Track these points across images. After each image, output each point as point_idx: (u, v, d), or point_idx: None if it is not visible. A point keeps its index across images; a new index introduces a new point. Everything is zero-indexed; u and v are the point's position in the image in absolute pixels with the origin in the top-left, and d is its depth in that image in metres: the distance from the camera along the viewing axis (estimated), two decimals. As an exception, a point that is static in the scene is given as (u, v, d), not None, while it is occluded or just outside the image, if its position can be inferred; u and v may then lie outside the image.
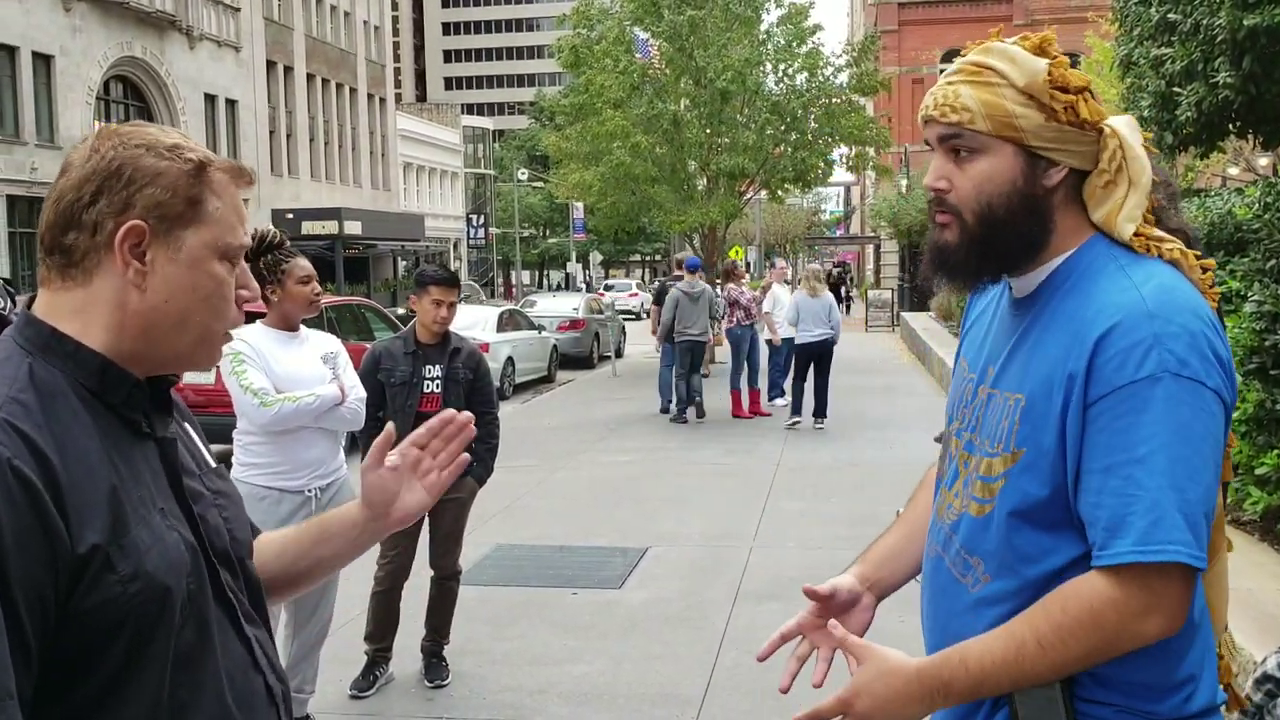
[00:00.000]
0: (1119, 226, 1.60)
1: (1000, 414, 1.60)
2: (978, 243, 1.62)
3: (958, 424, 1.74)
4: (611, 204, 22.56)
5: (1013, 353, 1.64)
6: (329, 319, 12.97)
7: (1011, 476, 1.57)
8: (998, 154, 1.59)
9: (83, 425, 1.26)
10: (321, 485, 4.29)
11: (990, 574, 1.60)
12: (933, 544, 1.74)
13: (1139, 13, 7.30)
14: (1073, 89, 1.58)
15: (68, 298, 1.32)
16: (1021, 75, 1.58)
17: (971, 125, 1.59)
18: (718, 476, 9.95)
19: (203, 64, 38.21)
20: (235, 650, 1.38)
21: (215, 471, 1.49)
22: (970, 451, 1.67)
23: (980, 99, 1.59)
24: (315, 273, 4.34)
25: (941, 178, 1.64)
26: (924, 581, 1.76)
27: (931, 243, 1.69)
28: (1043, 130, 1.57)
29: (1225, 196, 7.68)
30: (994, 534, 1.59)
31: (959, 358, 1.85)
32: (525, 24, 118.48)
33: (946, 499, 1.72)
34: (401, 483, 1.64)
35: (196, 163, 1.35)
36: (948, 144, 1.62)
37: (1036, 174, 1.59)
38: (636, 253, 78.26)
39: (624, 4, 21.98)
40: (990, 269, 1.66)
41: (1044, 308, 1.62)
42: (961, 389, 1.76)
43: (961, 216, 1.62)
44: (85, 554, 1.19)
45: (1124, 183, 1.60)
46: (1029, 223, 1.60)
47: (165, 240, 1.33)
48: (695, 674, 5.09)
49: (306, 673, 4.42)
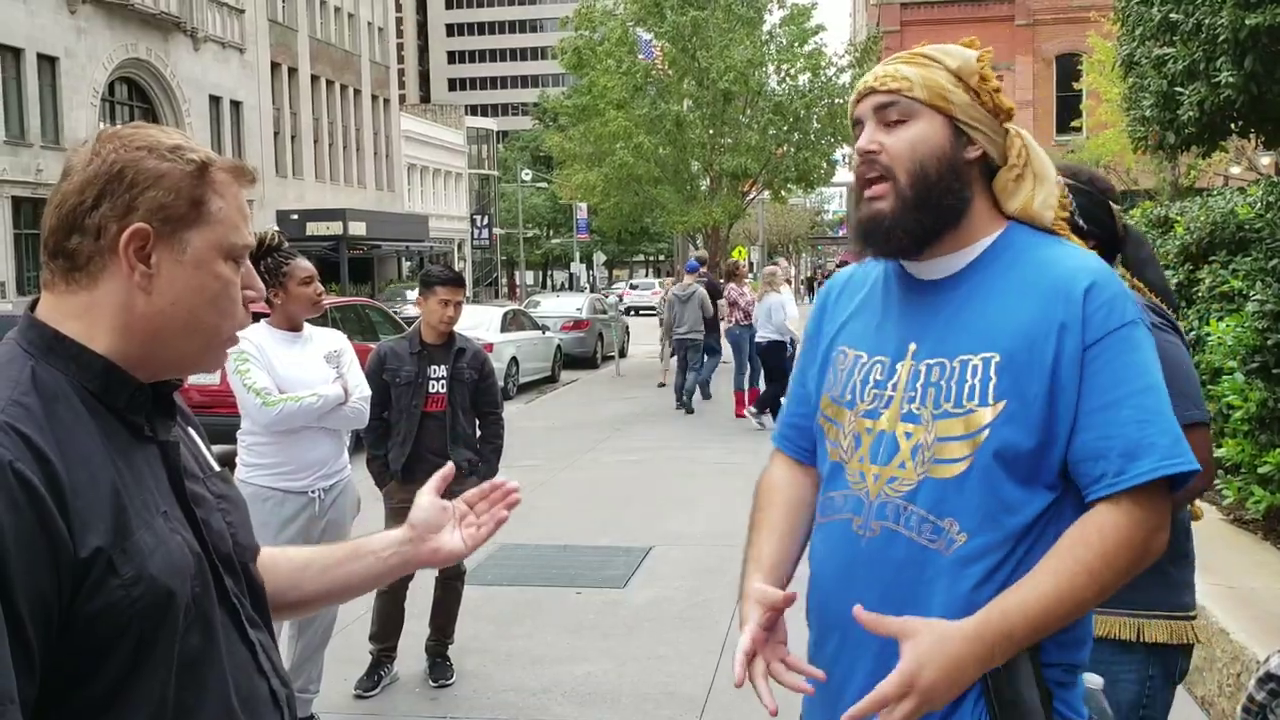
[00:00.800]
0: (1039, 213, 1.78)
1: (958, 376, 1.69)
2: (910, 207, 1.74)
3: (865, 405, 1.79)
4: (615, 204, 22.60)
5: (949, 323, 1.74)
6: (333, 319, 13.00)
7: (994, 428, 1.65)
8: (929, 121, 1.75)
9: (85, 428, 1.25)
10: (325, 486, 4.30)
11: (968, 531, 1.66)
12: (867, 523, 1.74)
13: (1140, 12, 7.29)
14: (991, 82, 1.77)
15: (72, 301, 1.31)
16: (954, 60, 1.78)
17: (910, 93, 1.75)
18: (722, 476, 9.96)
19: (207, 65, 38.24)
20: (240, 654, 1.37)
21: (218, 475, 1.49)
22: (913, 422, 1.72)
23: (919, 73, 1.77)
24: (316, 273, 4.35)
25: (873, 140, 1.77)
26: (856, 566, 1.74)
27: (862, 216, 1.80)
28: (969, 109, 1.76)
29: (1227, 196, 7.68)
30: (972, 490, 1.66)
31: (834, 348, 1.90)
32: (529, 25, 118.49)
33: (883, 474, 1.74)
34: (447, 522, 1.70)
35: (198, 163, 1.34)
36: (882, 113, 1.77)
37: (960, 146, 1.76)
38: (640, 253, 78.30)
39: (627, 5, 21.98)
40: (921, 233, 1.75)
41: (981, 281, 1.75)
42: (864, 372, 1.82)
43: (895, 178, 1.75)
44: (88, 557, 1.18)
45: (1030, 177, 1.79)
46: (956, 187, 1.75)
47: (170, 242, 1.32)
48: (699, 673, 5.10)
49: (311, 672, 4.43)
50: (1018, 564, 1.64)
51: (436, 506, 1.69)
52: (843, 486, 1.80)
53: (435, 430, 4.93)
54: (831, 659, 1.77)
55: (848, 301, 1.95)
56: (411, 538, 1.67)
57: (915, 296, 1.81)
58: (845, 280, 2.00)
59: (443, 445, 4.88)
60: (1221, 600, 4.50)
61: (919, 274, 1.82)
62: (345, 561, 1.68)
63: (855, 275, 1.99)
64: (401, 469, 4.91)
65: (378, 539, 1.70)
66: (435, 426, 4.93)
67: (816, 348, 1.97)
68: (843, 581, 1.76)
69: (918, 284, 1.82)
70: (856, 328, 1.89)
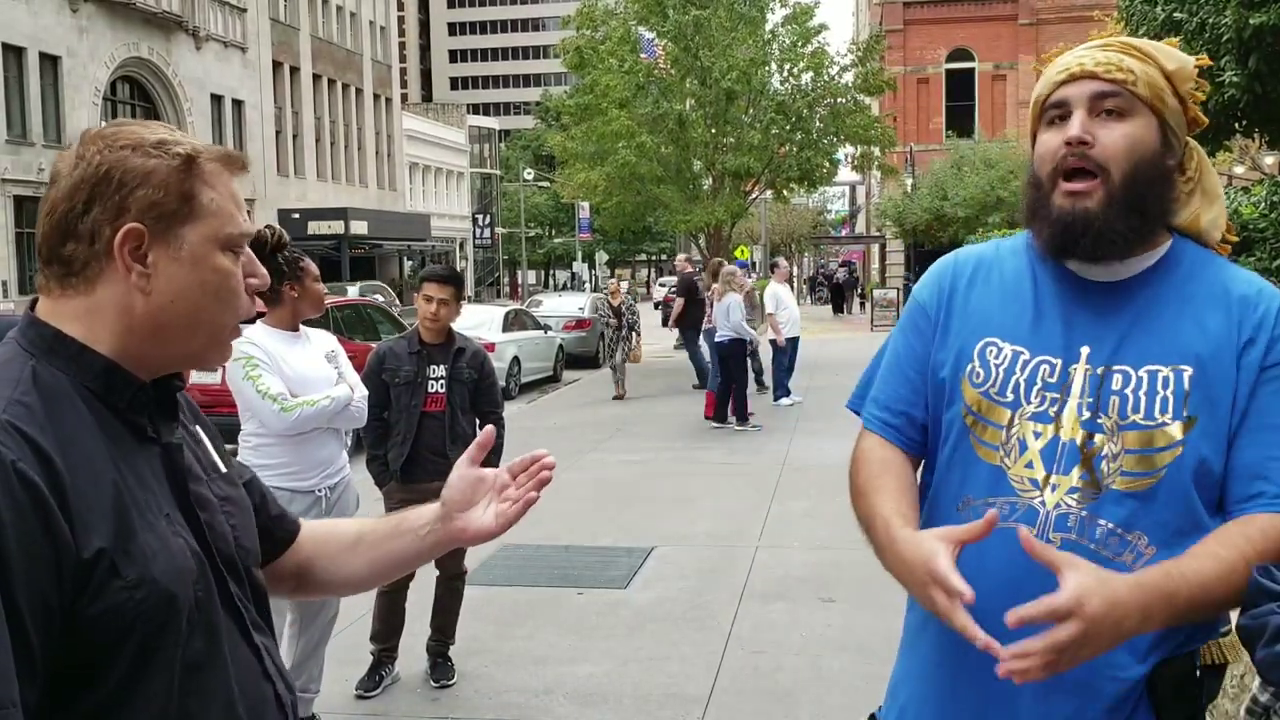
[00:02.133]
0: (1206, 231, 1.75)
1: (1149, 387, 1.64)
2: (1122, 209, 1.64)
3: (1032, 407, 1.69)
4: (617, 204, 22.60)
5: (1131, 331, 1.67)
6: (335, 319, 13.00)
7: (1190, 443, 1.61)
8: (1146, 121, 1.66)
9: (87, 428, 1.24)
10: (330, 485, 4.30)
11: (1156, 545, 1.61)
12: (1044, 535, 1.64)
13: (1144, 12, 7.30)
14: (1199, 94, 1.71)
15: (70, 305, 1.30)
16: (1170, 61, 1.68)
17: (1134, 87, 1.65)
18: (723, 476, 9.95)
19: (209, 65, 38.26)
20: (245, 658, 1.36)
21: (224, 477, 1.47)
22: (1097, 431, 1.65)
23: (1142, 68, 1.67)
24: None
25: (1088, 131, 1.65)
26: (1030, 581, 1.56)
27: (1066, 214, 1.67)
28: (1176, 114, 1.69)
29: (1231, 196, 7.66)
30: (1165, 503, 1.62)
31: (978, 338, 1.76)
32: (531, 24, 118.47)
33: (1061, 484, 1.65)
34: (481, 497, 1.63)
35: (185, 156, 1.31)
36: (1099, 102, 1.66)
37: (1166, 151, 1.68)
38: (642, 252, 78.29)
39: (629, 4, 21.98)
40: (1134, 238, 1.67)
41: (1160, 290, 1.69)
42: (1029, 371, 1.71)
43: (1108, 174, 1.64)
44: (90, 558, 1.17)
45: (1199, 193, 1.75)
46: (1165, 191, 1.68)
47: (165, 240, 1.30)
48: (701, 674, 5.08)
49: (312, 671, 4.42)
50: None
51: (470, 479, 1.62)
52: (1006, 493, 1.69)
53: (434, 430, 4.92)
54: (988, 678, 1.58)
55: (982, 288, 1.81)
56: (442, 515, 1.63)
57: (1080, 295, 1.72)
58: (974, 262, 1.85)
59: (442, 445, 4.88)
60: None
61: (1086, 274, 1.72)
62: (389, 538, 1.66)
63: (984, 258, 1.85)
64: (401, 469, 4.91)
65: (415, 515, 1.66)
66: (434, 426, 4.93)
67: (935, 330, 1.82)
68: (1010, 597, 1.53)
69: (1081, 283, 1.73)
70: (1005, 320, 1.76)
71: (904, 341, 1.88)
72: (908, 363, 1.86)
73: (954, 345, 1.79)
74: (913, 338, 1.86)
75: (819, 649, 5.29)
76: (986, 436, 1.72)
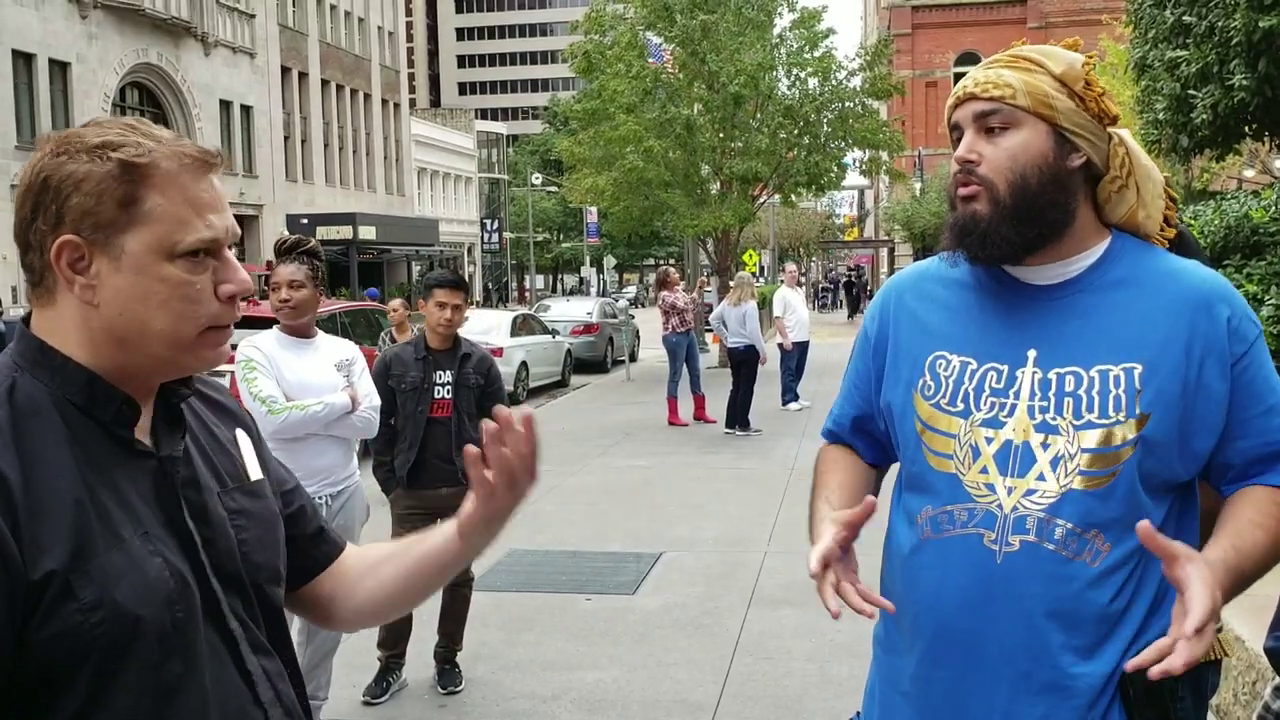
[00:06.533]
0: (1143, 225, 1.77)
1: (1101, 386, 1.67)
2: (1010, 216, 1.70)
3: (982, 414, 1.72)
4: (625, 208, 22.58)
5: (1078, 332, 1.70)
6: (342, 324, 13.01)
7: (1144, 440, 1.65)
8: (1032, 129, 1.70)
9: (59, 445, 1.20)
10: (332, 493, 4.29)
11: (1111, 542, 1.65)
12: (1004, 538, 1.67)
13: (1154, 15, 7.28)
14: (1097, 87, 1.73)
15: (45, 316, 1.27)
16: (1058, 65, 1.72)
17: (1013, 100, 1.70)
18: (732, 481, 9.94)
19: (218, 70, 38.39)
20: (231, 683, 1.29)
21: (247, 489, 1.40)
22: (1051, 433, 1.68)
23: (1021, 79, 1.71)
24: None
25: (973, 150, 1.73)
26: (993, 584, 1.68)
27: (959, 216, 1.75)
28: (1073, 114, 1.70)
29: (1241, 199, 7.62)
30: (1118, 501, 1.65)
31: (927, 353, 1.81)
32: (539, 29, 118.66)
33: (1018, 486, 1.68)
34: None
35: (122, 161, 1.22)
36: (983, 120, 1.73)
37: (1063, 154, 1.71)
38: (650, 257, 78.27)
39: (636, 9, 21.98)
40: (1022, 243, 1.71)
41: (1102, 290, 1.72)
42: (976, 379, 1.74)
43: (994, 188, 1.70)
44: (40, 580, 1.13)
45: (1133, 187, 1.76)
46: (1059, 197, 1.70)
47: (105, 250, 1.22)
48: (709, 680, 5.07)
49: (320, 679, 4.42)
50: (1143, 572, 1.66)
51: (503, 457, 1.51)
52: (963, 500, 1.72)
53: (441, 436, 4.91)
54: (953, 679, 1.71)
55: (926, 303, 1.86)
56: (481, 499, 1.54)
57: (1024, 301, 1.76)
58: (914, 279, 1.92)
59: (448, 451, 4.87)
60: (1237, 607, 4.45)
61: (1025, 278, 1.77)
62: (419, 541, 1.57)
63: (927, 274, 1.90)
64: (407, 475, 4.90)
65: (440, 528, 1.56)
66: (441, 432, 4.92)
67: (882, 351, 1.90)
68: (975, 600, 1.68)
69: (1023, 287, 1.77)
70: (951, 332, 1.81)
71: (853, 368, 2.01)
72: (858, 383, 1.98)
73: (904, 365, 1.85)
74: (859, 363, 1.98)
75: (828, 655, 5.27)
76: (938, 446, 1.77)
